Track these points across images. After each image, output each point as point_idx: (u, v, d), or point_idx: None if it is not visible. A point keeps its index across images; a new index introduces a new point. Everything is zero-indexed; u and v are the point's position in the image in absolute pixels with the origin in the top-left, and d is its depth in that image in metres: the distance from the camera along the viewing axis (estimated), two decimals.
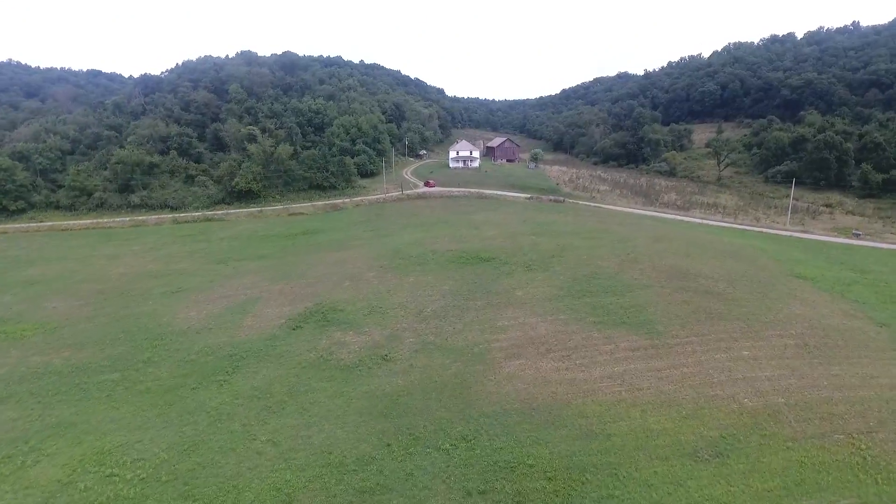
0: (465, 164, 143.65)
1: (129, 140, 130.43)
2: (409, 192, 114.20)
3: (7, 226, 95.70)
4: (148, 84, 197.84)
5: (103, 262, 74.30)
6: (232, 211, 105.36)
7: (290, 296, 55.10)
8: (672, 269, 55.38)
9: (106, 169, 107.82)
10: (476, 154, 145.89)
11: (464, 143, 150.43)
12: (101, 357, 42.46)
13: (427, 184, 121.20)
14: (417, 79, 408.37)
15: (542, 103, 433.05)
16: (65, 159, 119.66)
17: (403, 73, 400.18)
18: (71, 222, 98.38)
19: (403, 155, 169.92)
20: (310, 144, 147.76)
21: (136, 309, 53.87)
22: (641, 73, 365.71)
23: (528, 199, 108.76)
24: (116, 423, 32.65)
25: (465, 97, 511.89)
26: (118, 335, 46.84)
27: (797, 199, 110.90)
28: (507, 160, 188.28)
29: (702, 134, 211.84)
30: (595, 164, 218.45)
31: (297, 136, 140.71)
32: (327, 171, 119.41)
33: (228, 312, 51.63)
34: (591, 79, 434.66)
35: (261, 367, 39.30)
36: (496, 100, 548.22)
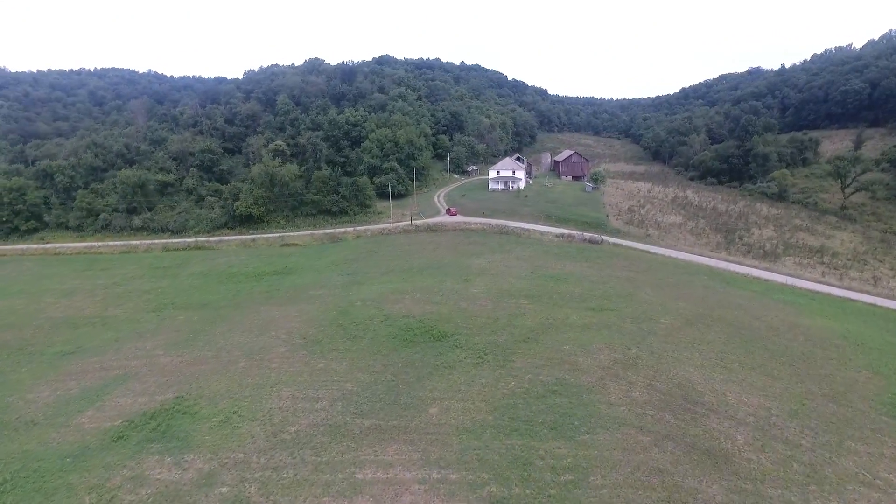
0: (506, 185, 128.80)
1: (159, 156, 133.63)
2: (420, 222, 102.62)
3: (7, 247, 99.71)
4: (208, 94, 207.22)
5: (50, 300, 71.82)
6: (227, 238, 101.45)
7: (166, 376, 46.29)
8: (677, 392, 38.51)
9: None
10: (520, 174, 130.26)
11: (507, 161, 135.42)
12: None
13: (449, 211, 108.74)
14: (516, 80, 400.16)
15: (657, 103, 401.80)
16: (97, 175, 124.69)
17: (504, 74, 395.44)
18: (68, 244, 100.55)
19: (448, 171, 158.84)
20: (343, 160, 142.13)
21: None
22: (777, 67, 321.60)
23: (559, 237, 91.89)
24: None
25: (575, 97, 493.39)
26: None
27: None
28: (574, 177, 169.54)
29: (835, 144, 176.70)
30: (691, 179, 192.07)
31: (321, 152, 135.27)
32: (337, 195, 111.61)
33: (81, 397, 43.93)
34: (717, 76, 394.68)
35: None
36: (613, 99, 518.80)
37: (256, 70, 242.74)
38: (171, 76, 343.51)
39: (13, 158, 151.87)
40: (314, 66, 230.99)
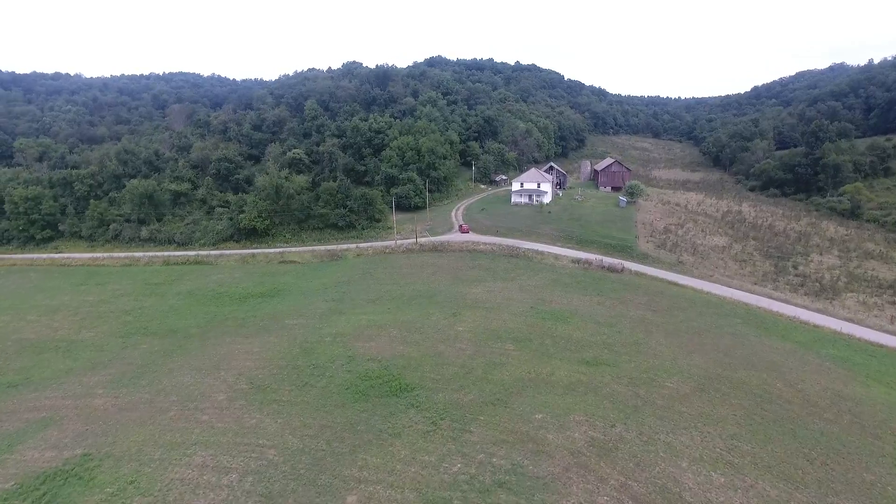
0: (530, 198, 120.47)
1: (180, 164, 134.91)
2: (426, 240, 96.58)
3: (18, 256, 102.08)
4: (241, 99, 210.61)
5: (32, 318, 71.41)
6: (229, 252, 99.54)
7: (89, 424, 43.10)
8: (657, 502, 30.46)
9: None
10: (546, 187, 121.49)
11: (532, 172, 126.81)
12: None
13: (461, 228, 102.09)
14: (572, 80, 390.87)
15: (725, 103, 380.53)
16: (119, 184, 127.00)
17: (561, 74, 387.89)
18: (76, 255, 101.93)
19: (474, 181, 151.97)
20: (364, 169, 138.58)
21: None
22: (863, 63, 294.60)
23: (575, 262, 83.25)
24: None
25: (640, 96, 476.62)
26: None
27: None
28: (613, 188, 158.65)
29: None
30: (751, 189, 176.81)
31: (336, 161, 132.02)
32: (345, 208, 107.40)
33: None
34: (794, 73, 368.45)
35: None
36: (679, 98, 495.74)
37: (291, 74, 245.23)
38: (234, 79, 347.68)
39: (55, 164, 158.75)
40: (349, 70, 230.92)
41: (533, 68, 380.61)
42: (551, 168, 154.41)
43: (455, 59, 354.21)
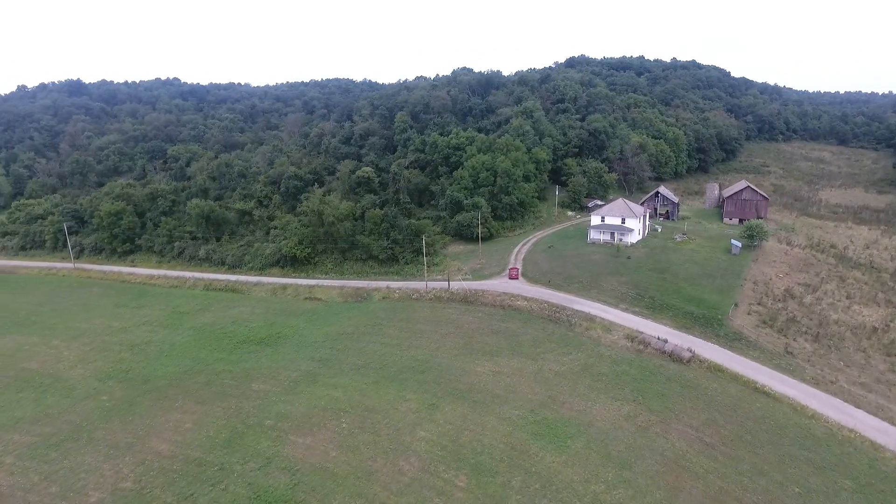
0: (612, 236, 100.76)
1: (260, 180, 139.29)
2: (459, 284, 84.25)
3: (98, 267, 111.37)
4: (345, 109, 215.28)
5: (56, 342, 76.45)
6: (267, 280, 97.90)
7: None
8: None
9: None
10: (632, 223, 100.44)
11: (617, 204, 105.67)
12: None
13: (510, 272, 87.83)
14: (738, 77, 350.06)
15: None
16: (202, 197, 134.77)
17: (727, 70, 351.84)
18: (140, 270, 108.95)
19: (559, 207, 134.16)
20: (437, 189, 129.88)
21: None
22: None
23: (630, 338, 64.82)
24: None
25: (833, 92, 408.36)
26: None
27: None
28: (741, 220, 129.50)
29: None
30: None
31: (399, 182, 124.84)
32: (388, 238, 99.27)
33: None
34: None
35: None
36: (890, 93, 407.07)
37: (395, 83, 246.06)
38: (384, 83, 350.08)
39: (175, 174, 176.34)
40: (455, 77, 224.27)
41: (690, 65, 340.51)
42: (657, 195, 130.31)
43: (600, 58, 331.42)
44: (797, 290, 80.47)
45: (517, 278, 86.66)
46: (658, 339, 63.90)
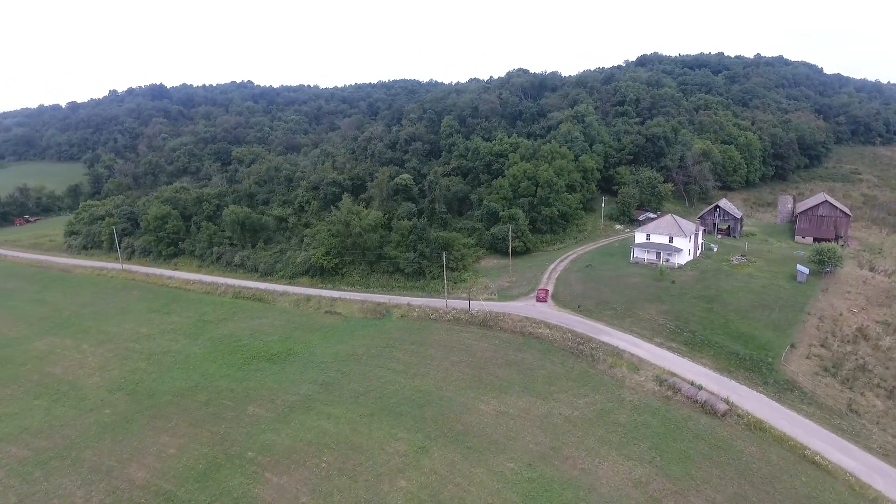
0: (658, 256, 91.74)
1: (302, 185, 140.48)
2: (480, 305, 79.21)
3: (144, 269, 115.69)
4: (395, 113, 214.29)
5: (84, 348, 78.75)
6: (293, 290, 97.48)
7: None
8: None
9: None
10: (681, 242, 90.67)
11: (667, 219, 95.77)
12: None
13: (538, 294, 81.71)
14: (831, 73, 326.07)
15: None
16: (252, 202, 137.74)
17: (819, 67, 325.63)
18: (179, 274, 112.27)
19: (605, 219, 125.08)
20: (474, 199, 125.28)
21: None
22: None
23: (660, 381, 57.40)
24: None
25: None
26: None
27: None
28: (816, 239, 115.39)
29: None
30: None
31: (435, 190, 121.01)
32: (415, 251, 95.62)
33: None
34: None
35: None
36: None
37: (448, 83, 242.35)
38: (450, 83, 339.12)
39: (230, 176, 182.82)
40: (508, 79, 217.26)
41: (775, 62, 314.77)
42: (716, 209, 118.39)
43: (676, 55, 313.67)
44: (873, 330, 68.98)
45: (545, 301, 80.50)
46: (691, 384, 56.17)
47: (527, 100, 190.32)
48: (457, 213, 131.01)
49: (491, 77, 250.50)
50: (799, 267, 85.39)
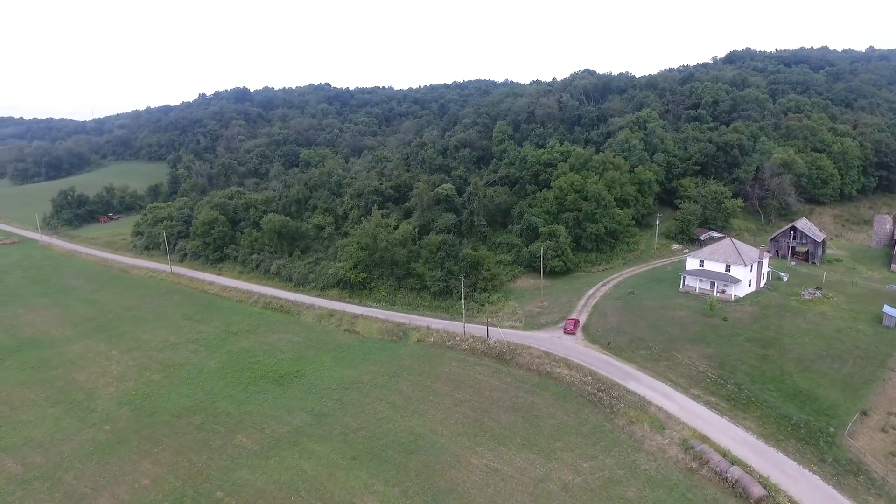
0: (712, 286, 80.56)
1: (348, 192, 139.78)
2: (499, 335, 73.00)
3: (190, 272, 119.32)
4: (451, 120, 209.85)
5: (113, 354, 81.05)
6: (320, 303, 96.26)
7: None
8: None
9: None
10: (740, 272, 78.73)
11: (725, 244, 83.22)
12: None
13: (567, 325, 74.11)
14: None
15: None
16: (301, 208, 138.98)
17: None
18: (221, 279, 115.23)
19: (660, 237, 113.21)
20: (514, 213, 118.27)
21: None
22: None
23: (686, 450, 48.83)
24: None
25: None
26: None
27: None
28: None
29: None
30: None
31: (474, 201, 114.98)
32: (443, 269, 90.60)
33: None
34: None
35: None
36: None
37: (504, 87, 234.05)
38: (524, 83, 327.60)
39: (286, 181, 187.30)
40: (571, 81, 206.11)
41: (892, 55, 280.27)
42: (792, 230, 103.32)
43: (772, 51, 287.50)
44: None
45: (573, 333, 73.00)
46: (724, 456, 47.29)
47: (588, 103, 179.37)
48: (500, 225, 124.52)
49: (554, 79, 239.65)
50: (886, 309, 71.43)
